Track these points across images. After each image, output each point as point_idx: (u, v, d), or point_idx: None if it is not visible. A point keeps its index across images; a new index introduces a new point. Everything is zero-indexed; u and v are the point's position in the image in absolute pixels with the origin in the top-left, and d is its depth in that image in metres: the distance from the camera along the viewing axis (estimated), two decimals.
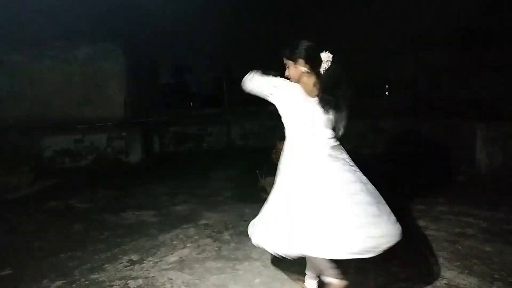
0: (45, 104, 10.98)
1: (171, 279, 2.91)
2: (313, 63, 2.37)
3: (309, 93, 2.37)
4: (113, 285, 2.85)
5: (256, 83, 2.50)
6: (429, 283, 2.68)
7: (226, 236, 3.73)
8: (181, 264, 3.16)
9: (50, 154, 8.04)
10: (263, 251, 3.33)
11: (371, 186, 2.37)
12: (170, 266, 3.14)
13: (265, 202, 2.50)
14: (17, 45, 11.01)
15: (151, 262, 3.23)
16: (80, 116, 10.80)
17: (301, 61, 2.37)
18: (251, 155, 7.80)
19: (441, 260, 3.04)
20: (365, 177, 2.40)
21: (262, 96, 2.50)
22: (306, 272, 2.62)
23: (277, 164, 2.55)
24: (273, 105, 2.53)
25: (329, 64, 2.36)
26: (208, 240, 3.67)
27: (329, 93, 2.32)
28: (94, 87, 11.21)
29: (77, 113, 10.95)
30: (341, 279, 2.35)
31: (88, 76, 11.18)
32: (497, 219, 3.95)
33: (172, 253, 3.40)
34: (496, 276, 2.75)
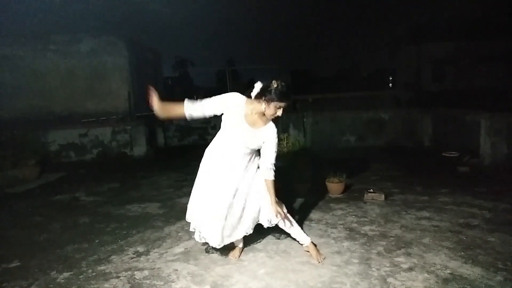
0: (49, 98, 11.06)
1: (177, 270, 2.94)
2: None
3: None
4: (120, 276, 2.89)
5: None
6: (433, 273, 2.70)
7: None
8: (187, 255, 3.20)
9: (55, 148, 8.10)
10: (267, 242, 3.38)
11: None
12: (175, 257, 3.18)
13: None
14: (20, 39, 11.05)
15: (157, 254, 3.27)
16: (84, 109, 10.88)
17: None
18: None
19: (445, 250, 3.05)
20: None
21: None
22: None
23: None
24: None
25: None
26: None
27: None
28: (98, 80, 11.26)
29: (81, 107, 11.02)
30: None
31: (92, 69, 11.23)
32: (501, 210, 3.95)
33: (177, 245, 3.44)
34: (500, 266, 2.76)
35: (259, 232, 3.50)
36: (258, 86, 2.78)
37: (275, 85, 2.69)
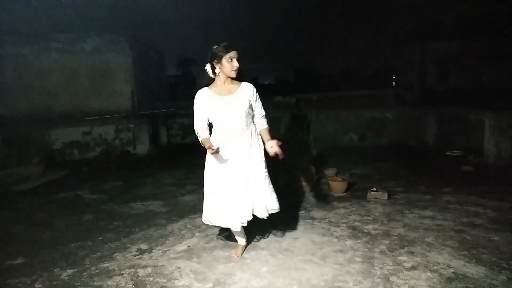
0: (53, 96, 11.09)
1: (180, 267, 2.95)
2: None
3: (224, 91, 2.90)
4: (123, 273, 2.90)
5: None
6: (436, 272, 2.69)
7: None
8: (189, 253, 3.21)
9: (59, 146, 8.14)
10: (270, 240, 3.38)
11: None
12: (178, 255, 3.19)
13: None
14: (24, 38, 11.09)
15: (160, 251, 3.27)
16: (88, 108, 10.90)
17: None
18: None
19: (448, 250, 3.04)
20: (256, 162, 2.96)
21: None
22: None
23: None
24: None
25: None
26: (216, 230, 3.69)
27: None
28: (101, 79, 11.28)
29: (85, 105, 11.05)
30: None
31: (95, 68, 11.25)
32: (505, 209, 3.93)
33: (180, 242, 3.45)
34: (504, 265, 2.75)
35: (262, 230, 3.50)
36: (207, 66, 2.91)
37: (214, 47, 2.83)
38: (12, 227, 4.11)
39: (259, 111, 3.02)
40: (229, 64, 2.82)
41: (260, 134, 3.00)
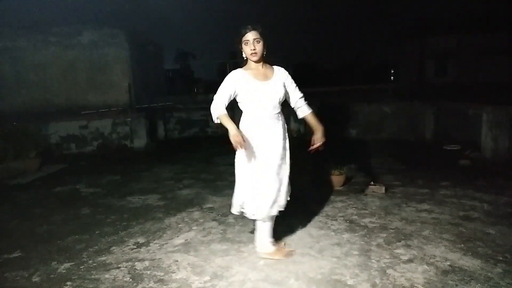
0: (50, 90, 11.05)
1: (177, 261, 2.95)
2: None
3: (260, 75, 2.81)
4: (120, 267, 2.90)
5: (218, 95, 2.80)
6: (433, 265, 2.70)
7: (230, 219, 3.77)
8: (187, 247, 3.21)
9: (56, 140, 8.12)
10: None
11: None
12: (176, 248, 3.19)
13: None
14: (21, 31, 11.02)
15: (157, 245, 3.27)
16: (85, 102, 10.87)
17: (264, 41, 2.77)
18: None
19: (444, 243, 3.05)
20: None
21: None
22: None
23: None
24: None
25: None
26: (213, 223, 3.71)
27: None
28: (98, 72, 11.24)
29: (82, 99, 11.02)
30: None
31: (92, 61, 11.20)
32: (502, 203, 3.95)
33: (177, 236, 3.45)
34: (499, 258, 2.76)
35: None
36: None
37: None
38: (9, 221, 4.11)
39: (297, 93, 2.95)
40: (246, 47, 2.74)
41: (306, 119, 3.02)
